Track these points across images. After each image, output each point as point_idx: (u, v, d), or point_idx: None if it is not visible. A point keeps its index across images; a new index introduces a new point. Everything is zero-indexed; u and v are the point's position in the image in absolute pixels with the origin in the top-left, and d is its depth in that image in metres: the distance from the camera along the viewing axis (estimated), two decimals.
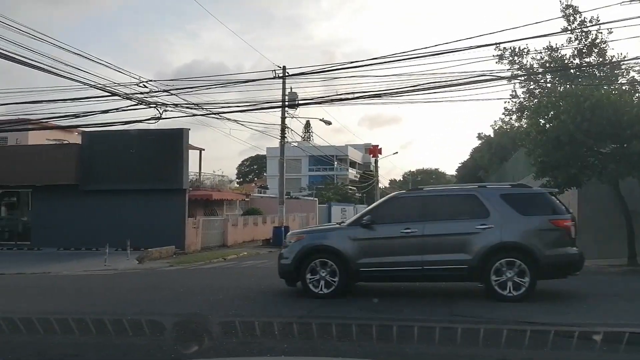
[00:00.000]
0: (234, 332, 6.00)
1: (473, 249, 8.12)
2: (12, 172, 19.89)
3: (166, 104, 17.27)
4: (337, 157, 54.27)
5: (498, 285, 7.98)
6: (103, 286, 11.46)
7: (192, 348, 5.33)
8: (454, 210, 8.64)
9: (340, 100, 17.36)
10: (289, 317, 7.13)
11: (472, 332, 5.88)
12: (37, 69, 13.47)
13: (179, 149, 20.21)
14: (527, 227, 8.20)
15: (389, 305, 8.18)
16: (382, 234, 8.45)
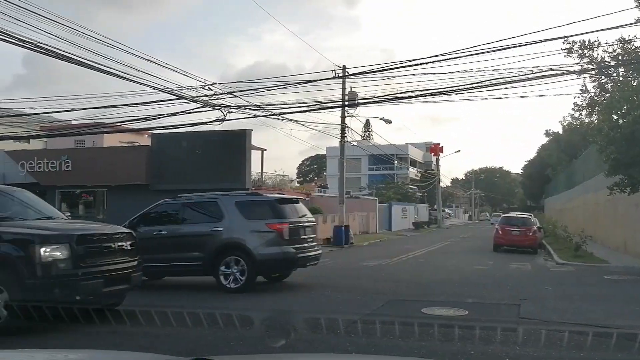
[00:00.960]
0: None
1: (206, 248, 9.69)
2: (89, 173, 21.09)
3: (230, 106, 17.79)
4: (397, 155, 53.79)
5: (224, 278, 9.58)
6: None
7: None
8: (200, 215, 10.27)
9: (401, 99, 17.25)
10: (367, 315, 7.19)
11: (545, 335, 5.74)
12: (111, 74, 14.23)
13: (242, 150, 20.72)
14: (248, 229, 9.72)
15: (453, 305, 8.12)
16: (142, 235, 9.40)
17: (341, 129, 24.16)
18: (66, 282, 6.28)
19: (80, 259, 6.42)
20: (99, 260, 6.71)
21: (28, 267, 6.17)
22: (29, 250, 6.23)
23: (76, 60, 13.23)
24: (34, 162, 21.76)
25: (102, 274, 6.65)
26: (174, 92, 16.56)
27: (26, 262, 6.18)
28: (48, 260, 6.20)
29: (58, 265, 6.26)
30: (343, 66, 22.21)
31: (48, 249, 6.24)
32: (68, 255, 6.31)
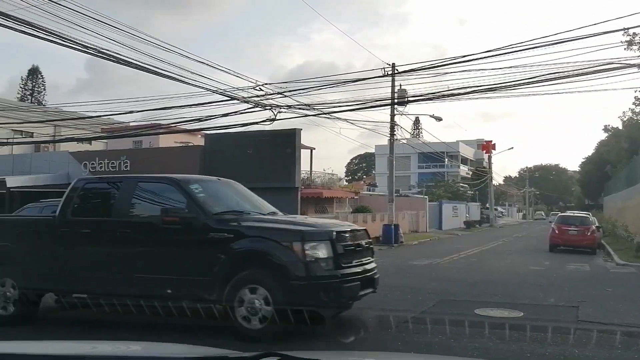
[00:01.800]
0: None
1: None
2: (146, 172, 21.87)
3: (280, 106, 18.07)
4: (447, 153, 52.97)
5: None
6: None
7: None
8: None
9: (451, 96, 17.01)
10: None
11: (605, 338, 5.59)
12: (168, 77, 14.77)
13: (291, 149, 20.98)
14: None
15: (508, 306, 7.99)
16: None
17: (390, 127, 24.04)
18: (330, 285, 5.75)
19: (340, 259, 5.91)
20: (353, 260, 6.17)
21: (292, 266, 5.68)
22: (291, 248, 5.75)
23: (136, 65, 13.81)
24: (96, 163, 22.83)
25: (357, 275, 6.11)
26: (226, 93, 16.99)
27: (289, 261, 5.70)
28: (312, 259, 5.69)
29: (322, 265, 5.75)
30: (392, 64, 22.11)
31: (312, 246, 5.74)
32: (330, 254, 5.79)
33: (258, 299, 5.66)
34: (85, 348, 2.17)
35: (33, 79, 51.11)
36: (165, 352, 2.05)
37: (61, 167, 23.36)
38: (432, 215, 36.17)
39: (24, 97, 48.73)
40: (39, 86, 51.15)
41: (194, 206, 6.24)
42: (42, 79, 51.75)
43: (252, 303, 5.66)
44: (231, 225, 6.09)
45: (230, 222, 6.15)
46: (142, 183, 6.99)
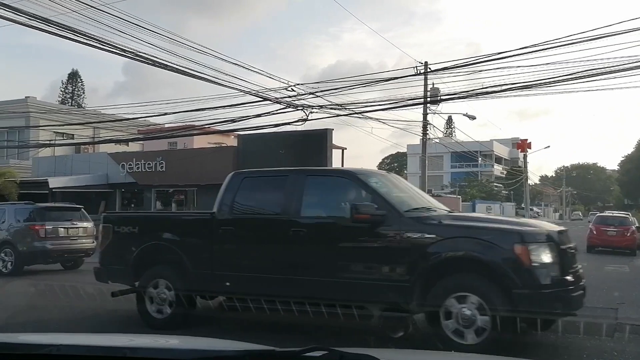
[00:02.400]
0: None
1: None
2: (181, 173, 22.40)
3: (312, 106, 18.14)
4: (481, 152, 52.21)
5: None
6: None
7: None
8: None
9: (486, 94, 16.75)
10: None
11: None
12: (202, 79, 15.04)
13: (323, 149, 21.10)
14: (16, 229, 12.25)
15: None
16: None
17: (423, 126, 23.86)
18: (559, 294, 5.01)
19: (565, 263, 5.19)
20: (572, 265, 5.43)
21: (515, 273, 4.90)
22: (512, 251, 4.98)
23: (172, 67, 14.12)
24: (133, 163, 23.46)
25: (579, 282, 5.35)
26: (259, 94, 17.17)
27: (511, 267, 4.93)
28: (537, 264, 4.95)
29: (547, 270, 5.01)
30: (425, 62, 21.94)
31: (535, 249, 5.01)
32: (555, 258, 5.05)
33: (470, 309, 4.92)
34: (122, 340, 2.19)
35: (73, 82, 52.78)
36: (206, 346, 2.02)
37: (100, 168, 24.11)
38: None
39: (65, 100, 50.35)
40: (78, 89, 52.80)
41: (383, 203, 5.59)
42: (82, 83, 53.42)
43: (464, 314, 4.93)
44: (430, 224, 5.45)
45: (428, 221, 5.54)
46: (312, 177, 6.46)
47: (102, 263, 7.04)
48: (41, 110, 28.24)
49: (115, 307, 6.97)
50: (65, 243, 12.54)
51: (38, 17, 10.68)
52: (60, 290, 8.43)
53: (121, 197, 25.26)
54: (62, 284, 9.52)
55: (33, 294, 9.54)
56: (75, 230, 12.79)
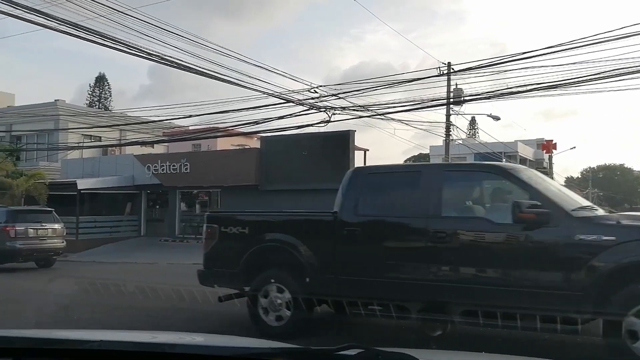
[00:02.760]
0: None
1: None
2: (205, 175, 22.64)
3: (334, 108, 18.19)
4: (505, 153, 51.51)
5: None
6: None
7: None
8: None
9: (510, 94, 16.55)
10: None
11: None
12: (226, 82, 15.19)
13: (345, 150, 21.12)
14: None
15: None
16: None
17: (446, 127, 23.72)
18: None
19: None
20: None
21: None
22: None
23: (195, 70, 14.32)
24: (158, 165, 23.78)
25: None
26: (281, 96, 17.28)
27: None
28: None
29: None
30: (448, 63, 21.80)
31: None
32: None
33: None
34: (144, 337, 2.20)
35: (100, 85, 53.80)
36: (240, 344, 2.03)
37: (126, 169, 24.52)
38: None
39: (92, 103, 51.34)
40: (105, 92, 53.77)
41: (545, 200, 5.05)
42: (109, 86, 54.39)
43: None
44: (606, 225, 4.95)
45: (603, 221, 5.12)
46: (451, 172, 6.09)
47: (207, 266, 6.68)
48: (70, 113, 28.88)
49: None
50: (34, 243, 13.56)
51: (67, 22, 10.95)
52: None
53: (147, 198, 25.65)
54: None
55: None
56: (44, 231, 13.89)
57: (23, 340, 1.83)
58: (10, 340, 1.80)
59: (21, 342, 1.80)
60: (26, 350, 1.73)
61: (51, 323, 6.95)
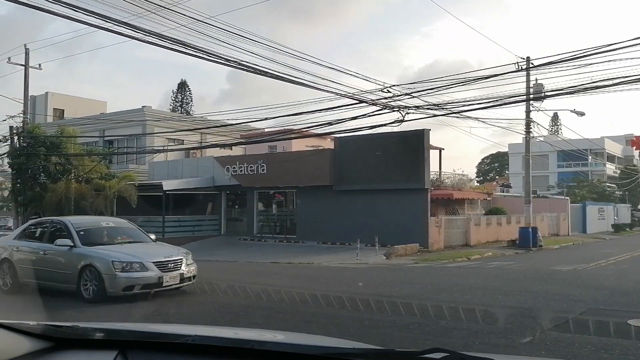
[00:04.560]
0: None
1: None
2: (281, 175, 23.18)
3: (408, 107, 17.98)
4: (591, 150, 48.63)
5: None
6: (361, 277, 12.63)
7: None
8: None
9: (595, 88, 15.64)
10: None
11: None
12: (301, 85, 15.48)
13: (420, 150, 20.83)
14: None
15: None
16: None
17: (526, 124, 22.79)
18: None
19: None
20: None
21: None
22: None
23: (271, 74, 14.70)
24: (236, 167, 24.64)
25: None
26: (354, 97, 17.33)
27: None
28: None
29: None
30: (527, 57, 20.93)
31: None
32: None
33: None
34: (247, 334, 2.27)
35: (182, 91, 56.52)
36: (325, 343, 2.04)
37: (207, 171, 25.59)
38: (575, 217, 33.50)
39: (175, 108, 54.00)
40: (186, 98, 56.42)
41: None
42: (190, 92, 57.00)
43: None
44: None
45: None
46: None
47: None
48: (155, 118, 30.56)
49: None
50: None
51: (153, 33, 11.62)
52: None
53: (226, 198, 26.61)
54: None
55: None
56: None
57: (128, 333, 2.02)
58: (117, 333, 1.99)
59: (127, 334, 1.99)
60: (130, 342, 1.90)
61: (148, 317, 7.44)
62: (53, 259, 9.63)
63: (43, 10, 9.68)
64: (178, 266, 9.32)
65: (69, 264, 9.29)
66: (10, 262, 10.22)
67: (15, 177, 23.70)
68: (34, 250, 10.10)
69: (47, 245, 9.90)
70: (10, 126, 23.19)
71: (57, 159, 22.99)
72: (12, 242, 10.76)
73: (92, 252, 9.27)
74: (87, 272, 8.99)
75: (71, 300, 8.77)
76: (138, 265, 8.91)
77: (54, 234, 10.11)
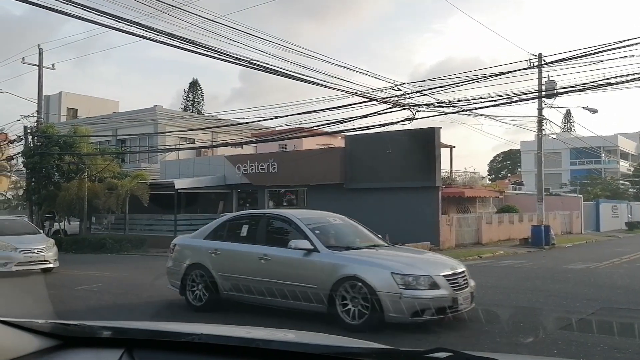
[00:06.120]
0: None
1: None
2: (292, 174, 23.20)
3: (419, 105, 17.91)
4: (604, 148, 48.09)
5: None
6: None
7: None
8: None
9: (609, 85, 15.48)
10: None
11: None
12: (312, 83, 15.47)
13: (431, 148, 20.73)
14: None
15: None
16: None
17: (538, 122, 22.60)
18: None
19: None
20: None
21: None
22: None
23: (281, 73, 14.72)
24: (247, 165, 24.71)
25: None
26: (365, 95, 17.30)
27: None
28: None
29: None
30: (539, 54, 20.80)
31: None
32: None
33: None
34: (239, 332, 2.25)
35: (193, 90, 56.78)
36: (330, 342, 2.03)
37: (218, 170, 25.69)
38: (588, 215, 33.18)
39: (187, 108, 54.29)
40: (198, 97, 56.67)
41: None
42: (201, 91, 57.27)
43: None
44: None
45: None
46: None
47: None
48: (167, 117, 30.77)
49: None
50: None
51: (164, 33, 11.70)
52: None
53: (237, 197, 26.70)
54: None
55: None
56: None
57: (135, 331, 2.03)
58: (124, 331, 2.00)
59: (134, 333, 2.00)
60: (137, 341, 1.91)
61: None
62: (281, 268, 7.28)
63: (56, 11, 9.78)
64: (467, 281, 6.87)
65: (312, 276, 6.93)
66: (205, 269, 7.88)
67: (29, 176, 24.02)
68: (246, 255, 7.68)
69: (268, 248, 7.49)
70: (25, 126, 23.51)
71: (71, 158, 23.24)
72: (203, 243, 8.28)
73: (351, 260, 6.84)
74: (348, 288, 6.53)
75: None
76: (426, 280, 6.40)
77: (275, 232, 7.89)
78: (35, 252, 13.38)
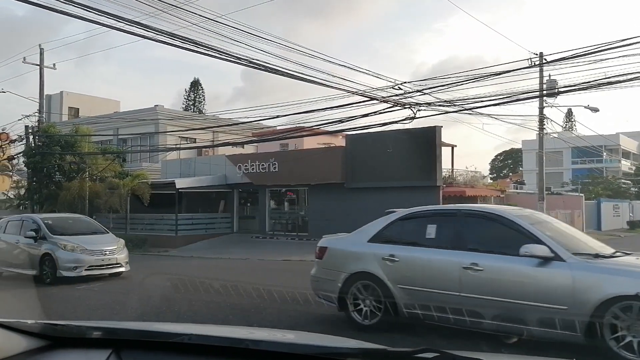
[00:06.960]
0: None
1: None
2: (292, 173, 23.19)
3: (420, 104, 17.89)
4: (606, 147, 48.01)
5: None
6: None
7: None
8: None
9: (610, 84, 15.44)
10: None
11: None
12: (313, 83, 15.44)
13: (432, 147, 20.72)
14: None
15: None
16: None
17: (539, 121, 22.57)
18: None
19: None
20: None
21: None
22: None
23: (283, 72, 14.71)
24: (248, 165, 24.71)
25: None
26: (366, 94, 17.28)
27: None
28: None
29: None
30: (540, 53, 20.76)
31: None
32: None
33: None
34: (242, 333, 2.30)
35: (195, 90, 56.76)
36: (320, 342, 2.05)
37: (219, 169, 25.71)
38: (589, 214, 33.14)
39: (188, 107, 54.29)
40: (199, 96, 56.64)
41: None
42: (202, 90, 57.24)
43: None
44: None
45: None
46: None
47: None
48: (168, 117, 30.78)
49: None
50: None
51: (165, 32, 11.70)
52: None
53: (238, 196, 26.72)
54: None
55: None
56: None
57: (123, 331, 2.04)
58: (113, 332, 2.01)
59: (122, 333, 2.01)
60: (125, 341, 1.92)
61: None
62: (503, 282, 5.59)
63: (57, 11, 9.78)
64: None
65: (555, 293, 5.26)
66: (377, 279, 6.34)
67: (30, 175, 24.05)
68: (443, 263, 6.02)
69: (477, 255, 5.79)
70: (26, 125, 23.55)
71: (72, 158, 23.27)
72: (369, 246, 6.83)
73: (625, 273, 5.18)
74: (621, 313, 4.86)
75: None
76: None
77: (482, 234, 6.13)
78: (107, 254, 11.97)
